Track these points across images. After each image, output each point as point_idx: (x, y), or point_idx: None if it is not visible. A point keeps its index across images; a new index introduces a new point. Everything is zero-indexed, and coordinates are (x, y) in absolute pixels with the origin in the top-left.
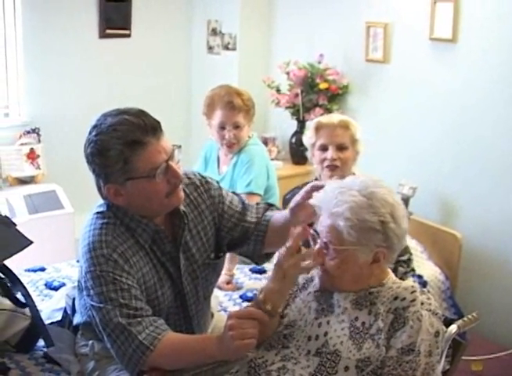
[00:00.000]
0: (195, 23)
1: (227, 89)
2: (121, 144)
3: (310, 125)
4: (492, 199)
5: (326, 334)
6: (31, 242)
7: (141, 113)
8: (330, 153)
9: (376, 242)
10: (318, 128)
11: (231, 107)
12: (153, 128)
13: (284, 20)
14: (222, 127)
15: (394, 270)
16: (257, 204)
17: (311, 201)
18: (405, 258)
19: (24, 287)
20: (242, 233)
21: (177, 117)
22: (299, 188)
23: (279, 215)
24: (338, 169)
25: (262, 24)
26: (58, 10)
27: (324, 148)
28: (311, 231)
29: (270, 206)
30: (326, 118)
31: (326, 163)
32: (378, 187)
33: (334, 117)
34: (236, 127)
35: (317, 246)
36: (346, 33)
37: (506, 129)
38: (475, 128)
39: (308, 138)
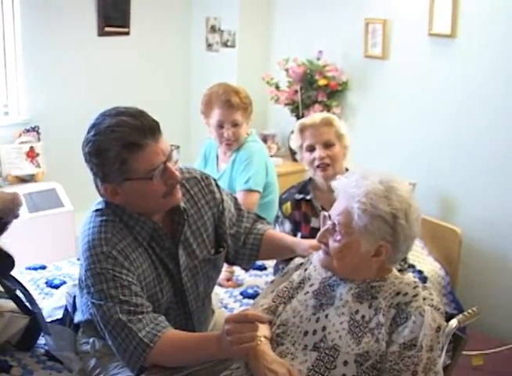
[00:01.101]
0: (194, 20)
1: (224, 87)
2: (119, 146)
3: (294, 129)
4: (492, 194)
5: (324, 328)
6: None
7: (139, 114)
8: (318, 153)
9: (383, 234)
10: (302, 130)
11: (229, 106)
12: (151, 129)
13: (283, 17)
14: (221, 125)
15: None
16: (248, 212)
17: (333, 183)
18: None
19: (22, 286)
20: (235, 237)
21: (176, 114)
22: (295, 187)
23: (275, 235)
24: (329, 167)
25: (261, 21)
26: (57, 8)
27: (311, 148)
28: (324, 213)
29: (259, 218)
30: (308, 119)
31: (316, 163)
32: (400, 184)
33: (316, 116)
34: (235, 125)
35: (325, 226)
36: (345, 29)
37: (505, 124)
38: (474, 123)
39: (294, 141)
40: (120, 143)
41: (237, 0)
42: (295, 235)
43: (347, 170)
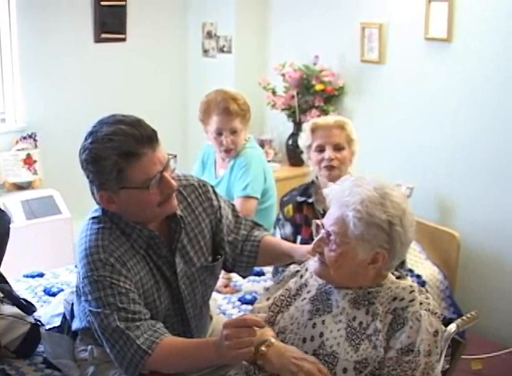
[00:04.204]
0: (190, 26)
1: (222, 95)
2: (116, 154)
3: (305, 127)
4: (489, 197)
5: (321, 334)
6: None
7: (137, 123)
8: (328, 153)
9: (380, 241)
10: (314, 130)
11: (227, 113)
12: (148, 138)
13: (279, 22)
14: (219, 133)
15: None
16: (245, 219)
17: (325, 191)
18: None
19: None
20: (233, 244)
21: (173, 120)
22: (296, 190)
23: (273, 241)
24: (336, 169)
25: (257, 26)
26: (53, 15)
27: (321, 149)
28: (317, 221)
29: (256, 224)
30: (321, 119)
31: (324, 163)
32: (394, 190)
33: (330, 118)
34: (233, 132)
35: (319, 235)
36: (341, 34)
37: (502, 128)
38: (470, 127)
39: (303, 140)
40: (117, 152)
41: (233, 5)
42: (295, 238)
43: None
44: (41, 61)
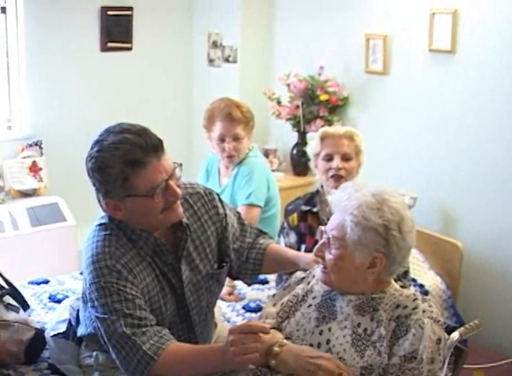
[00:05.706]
0: (195, 35)
1: (226, 102)
2: (122, 163)
3: (315, 135)
4: (492, 207)
5: (328, 341)
6: None
7: (143, 132)
8: (336, 163)
9: (377, 246)
10: (323, 138)
11: (230, 119)
12: (154, 147)
13: (284, 33)
14: (222, 139)
15: None
16: (250, 227)
17: (329, 198)
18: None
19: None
20: (238, 252)
21: (178, 129)
22: (301, 199)
23: (278, 249)
24: (343, 179)
25: (263, 37)
26: (60, 24)
27: (329, 158)
28: (322, 227)
29: (261, 232)
30: (331, 128)
31: (331, 172)
32: (393, 197)
33: (340, 128)
34: (236, 139)
35: (321, 241)
36: (346, 45)
37: (505, 139)
38: (474, 138)
39: (312, 148)
40: (123, 160)
41: (239, 15)
42: (299, 247)
43: None
44: (48, 70)
